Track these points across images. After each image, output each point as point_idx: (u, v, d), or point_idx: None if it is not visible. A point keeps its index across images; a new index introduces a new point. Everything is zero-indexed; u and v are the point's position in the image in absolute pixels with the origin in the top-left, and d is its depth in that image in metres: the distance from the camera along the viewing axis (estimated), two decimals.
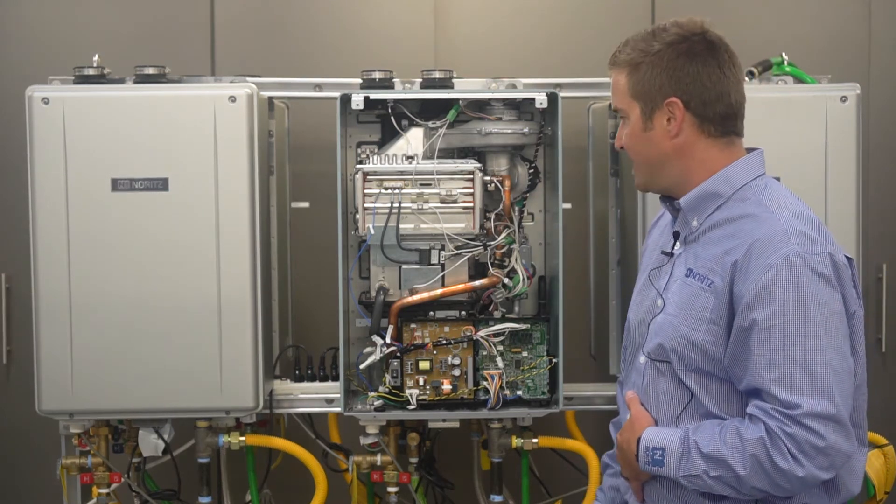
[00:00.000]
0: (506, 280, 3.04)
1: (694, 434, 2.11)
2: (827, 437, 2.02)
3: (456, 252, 3.02)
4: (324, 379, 3.26)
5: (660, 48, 2.20)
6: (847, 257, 2.14)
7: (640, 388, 2.27)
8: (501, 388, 2.99)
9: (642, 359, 2.27)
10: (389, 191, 2.96)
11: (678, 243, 2.27)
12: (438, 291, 3.02)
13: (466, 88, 3.13)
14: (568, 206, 3.11)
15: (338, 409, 3.10)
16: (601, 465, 2.53)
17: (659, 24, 2.24)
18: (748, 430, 2.06)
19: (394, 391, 2.99)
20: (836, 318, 2.07)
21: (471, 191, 2.97)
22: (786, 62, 3.17)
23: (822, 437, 2.02)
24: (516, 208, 3.09)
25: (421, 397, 2.98)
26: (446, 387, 2.98)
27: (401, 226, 2.96)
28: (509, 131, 3.04)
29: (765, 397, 2.06)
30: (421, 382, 2.99)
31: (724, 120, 2.21)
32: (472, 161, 3.04)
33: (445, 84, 3.11)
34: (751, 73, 3.17)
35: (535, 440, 3.16)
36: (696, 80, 2.19)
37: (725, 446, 2.07)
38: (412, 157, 3.03)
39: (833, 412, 2.02)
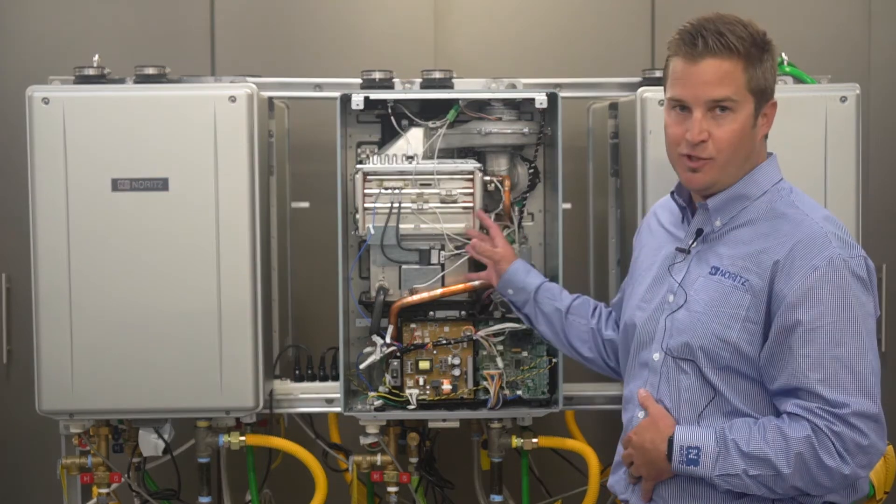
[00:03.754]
0: None
1: (730, 433, 2.12)
2: (870, 436, 2.06)
3: (456, 252, 3.02)
4: (324, 379, 3.26)
5: (769, 46, 2.19)
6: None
7: (654, 385, 2.26)
8: (501, 387, 2.99)
9: (657, 356, 2.26)
10: (389, 191, 2.96)
11: (697, 241, 2.27)
12: (438, 291, 3.02)
13: (466, 88, 3.13)
14: (568, 206, 3.11)
15: (338, 409, 3.10)
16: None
17: (731, 16, 2.18)
18: (791, 428, 2.07)
19: (394, 391, 2.99)
20: (871, 321, 2.12)
21: (471, 191, 2.97)
22: (786, 62, 3.17)
23: (866, 436, 2.05)
24: (516, 208, 3.09)
25: (421, 397, 2.98)
26: (446, 387, 2.98)
27: (401, 226, 2.96)
28: (509, 131, 3.05)
29: (806, 397, 2.08)
30: (421, 382, 2.99)
31: None
32: (472, 161, 3.04)
33: (445, 84, 3.11)
34: None
35: (535, 440, 3.16)
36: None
37: (768, 445, 2.07)
38: (412, 157, 3.03)
39: (875, 412, 2.07)
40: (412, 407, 2.98)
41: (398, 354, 2.98)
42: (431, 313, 3.04)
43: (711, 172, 2.20)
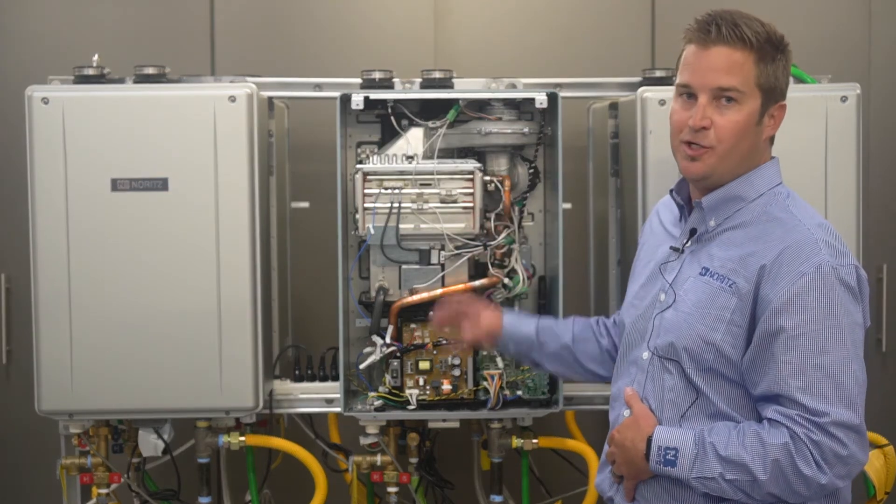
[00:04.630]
0: (506, 280, 3.03)
1: (709, 436, 2.10)
2: (849, 446, 2.04)
3: (456, 252, 3.02)
4: (324, 379, 3.26)
5: (784, 47, 2.18)
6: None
7: (641, 384, 2.25)
8: (501, 388, 2.99)
9: (645, 354, 2.25)
10: (389, 191, 2.95)
11: (691, 240, 2.26)
12: (438, 291, 3.02)
13: (466, 88, 3.12)
14: (568, 206, 3.11)
15: (338, 409, 3.10)
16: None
17: (751, 14, 2.18)
18: (770, 434, 2.06)
19: (394, 391, 2.99)
20: (859, 330, 2.10)
21: (471, 191, 2.97)
22: None
23: (845, 446, 2.03)
24: (516, 208, 3.09)
25: (421, 397, 2.98)
26: (446, 387, 2.98)
27: (401, 226, 2.96)
28: (509, 131, 3.04)
29: (786, 404, 2.06)
30: (421, 382, 2.99)
31: None
32: (472, 161, 3.04)
33: (445, 84, 3.11)
34: None
35: (535, 440, 3.16)
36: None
37: (745, 450, 2.06)
38: (412, 157, 3.03)
39: (856, 422, 2.05)
40: (412, 407, 2.98)
41: (398, 354, 2.98)
42: (431, 313, 3.04)
43: (710, 161, 2.17)
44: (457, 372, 2.99)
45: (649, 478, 2.20)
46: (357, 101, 2.99)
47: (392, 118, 3.08)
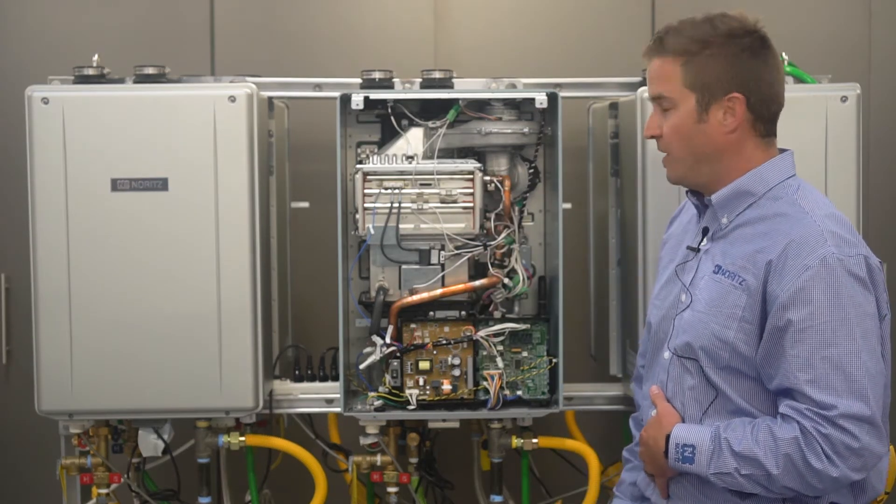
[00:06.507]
0: (506, 280, 3.04)
1: (725, 431, 2.12)
2: (861, 438, 2.03)
3: (456, 252, 3.02)
4: (324, 379, 3.26)
5: (722, 40, 2.18)
6: (879, 261, 2.16)
7: (664, 384, 2.27)
8: (501, 388, 2.99)
9: (667, 354, 2.27)
10: (389, 191, 2.96)
11: (705, 239, 2.27)
12: (438, 291, 3.02)
13: (466, 88, 3.12)
14: (568, 206, 3.11)
15: (338, 410, 3.10)
16: (622, 460, 2.53)
17: (709, 15, 2.22)
18: (781, 429, 2.07)
19: (394, 391, 2.99)
20: (870, 321, 2.09)
21: (471, 191, 2.97)
22: (786, 62, 3.16)
23: (856, 439, 2.03)
24: (516, 208, 3.09)
25: (421, 397, 2.98)
26: (446, 387, 2.98)
27: (401, 226, 2.96)
28: (509, 131, 3.04)
29: (797, 397, 2.07)
30: (421, 382, 2.99)
31: (772, 120, 2.25)
32: (472, 161, 3.04)
33: (445, 84, 3.11)
34: None
35: (535, 440, 3.16)
36: (758, 77, 2.21)
37: (758, 445, 2.07)
38: (412, 157, 3.03)
39: (868, 414, 2.04)
40: (412, 407, 2.98)
41: (398, 354, 2.98)
42: (431, 313, 3.04)
43: (672, 168, 2.30)
44: (457, 372, 2.99)
45: (680, 476, 2.22)
46: (357, 101, 2.99)
47: (392, 118, 3.08)
